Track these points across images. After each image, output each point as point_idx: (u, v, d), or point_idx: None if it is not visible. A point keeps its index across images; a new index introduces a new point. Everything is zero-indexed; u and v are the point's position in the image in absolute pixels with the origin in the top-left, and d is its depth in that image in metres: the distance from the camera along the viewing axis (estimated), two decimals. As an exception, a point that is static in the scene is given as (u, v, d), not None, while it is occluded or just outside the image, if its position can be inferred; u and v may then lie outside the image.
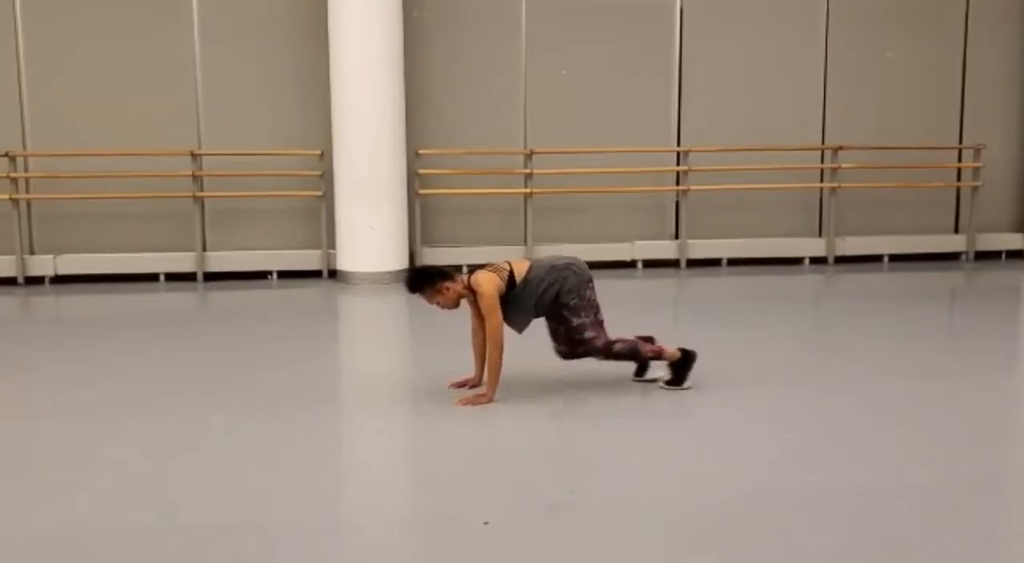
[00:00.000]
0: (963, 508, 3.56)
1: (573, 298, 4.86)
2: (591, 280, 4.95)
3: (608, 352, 4.94)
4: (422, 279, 4.86)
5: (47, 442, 4.40)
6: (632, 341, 5.00)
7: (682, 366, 5.08)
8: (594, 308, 4.92)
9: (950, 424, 4.58)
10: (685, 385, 5.07)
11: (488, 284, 4.74)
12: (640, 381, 5.20)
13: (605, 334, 4.93)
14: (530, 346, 5.14)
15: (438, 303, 4.85)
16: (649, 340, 5.14)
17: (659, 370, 5.20)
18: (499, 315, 4.73)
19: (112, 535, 3.35)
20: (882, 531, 3.33)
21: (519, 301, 4.84)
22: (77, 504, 3.62)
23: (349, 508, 3.73)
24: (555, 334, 5.03)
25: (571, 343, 4.95)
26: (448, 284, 4.81)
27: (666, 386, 5.09)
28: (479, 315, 4.88)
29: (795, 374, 5.51)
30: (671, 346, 5.10)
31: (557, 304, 4.88)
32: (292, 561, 3.13)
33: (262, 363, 5.88)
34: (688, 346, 5.13)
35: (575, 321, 4.88)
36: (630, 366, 5.22)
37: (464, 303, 4.93)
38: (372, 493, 3.88)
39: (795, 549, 3.20)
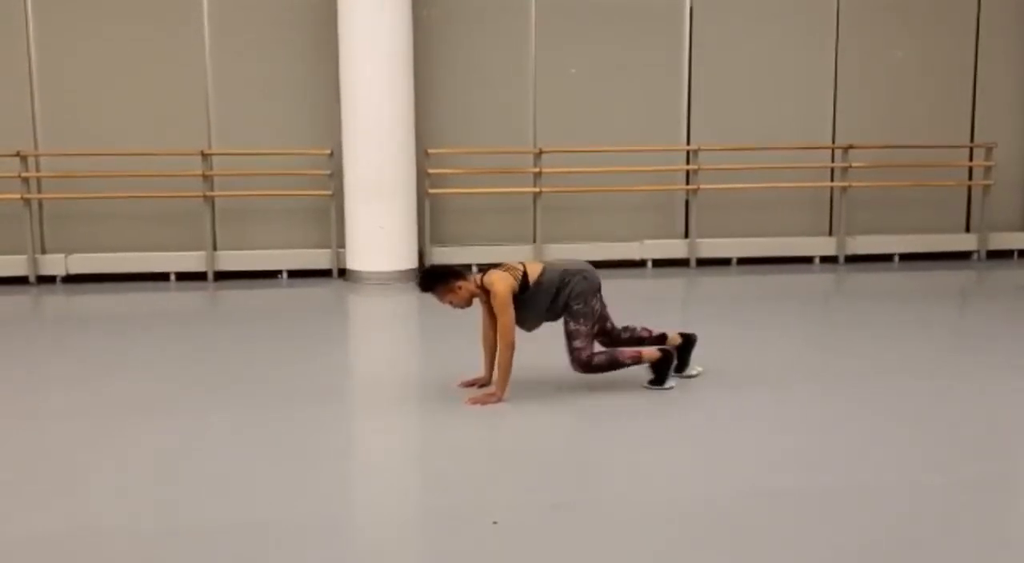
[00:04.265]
0: (969, 508, 3.56)
1: (578, 304, 4.88)
2: (599, 290, 4.97)
3: (588, 366, 4.91)
4: (435, 278, 4.87)
5: (54, 441, 4.42)
6: (610, 353, 4.96)
7: (662, 366, 5.04)
8: (591, 319, 4.90)
9: (958, 424, 4.57)
10: (667, 385, 5.06)
11: (501, 283, 4.74)
12: (681, 377, 5.21)
13: (591, 350, 4.91)
14: (539, 346, 5.15)
15: (450, 302, 4.87)
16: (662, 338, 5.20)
17: (698, 365, 5.27)
18: (511, 314, 4.74)
19: (115, 534, 3.37)
20: (888, 531, 3.33)
21: (532, 303, 4.86)
22: (82, 503, 3.64)
23: (356, 507, 3.74)
24: (568, 346, 4.98)
25: (568, 348, 4.94)
26: (461, 283, 4.82)
27: (648, 386, 5.07)
28: (491, 314, 4.89)
29: (803, 373, 5.50)
30: (651, 348, 5.08)
31: (566, 307, 4.90)
32: (299, 560, 3.14)
33: (271, 362, 5.89)
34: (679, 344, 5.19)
35: (572, 326, 4.89)
36: (641, 367, 5.22)
37: (476, 302, 4.94)
38: (380, 492, 3.89)
39: (800, 549, 3.20)
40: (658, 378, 5.06)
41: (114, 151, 8.93)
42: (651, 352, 5.04)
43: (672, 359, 5.09)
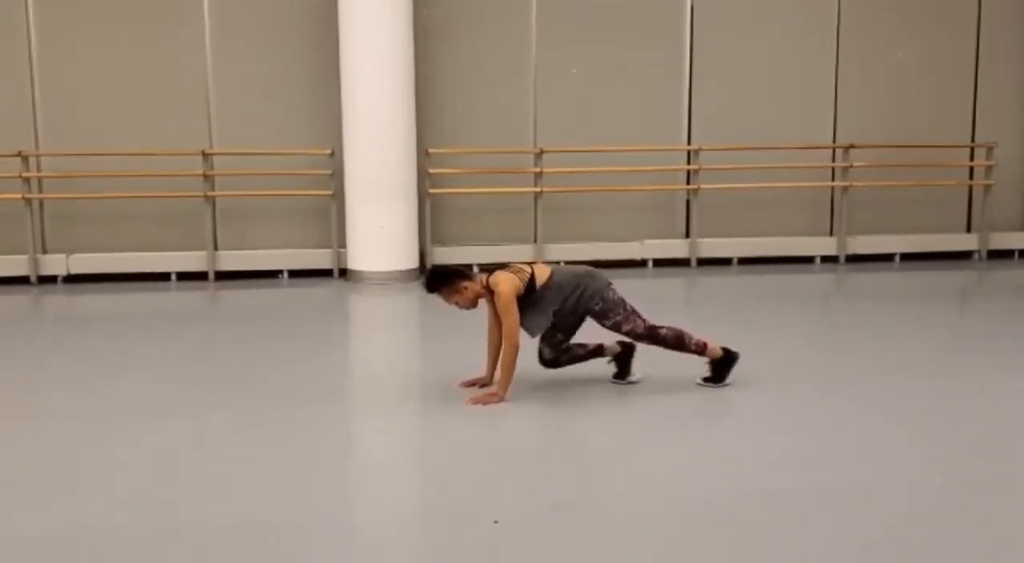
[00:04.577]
0: (969, 509, 3.56)
1: (597, 304, 4.90)
2: (610, 284, 4.99)
3: (653, 337, 4.97)
4: (440, 279, 4.88)
5: (54, 441, 4.43)
6: (678, 329, 5.01)
7: (723, 365, 5.09)
8: (620, 304, 4.95)
9: (958, 424, 4.57)
10: (724, 382, 5.09)
11: (506, 284, 4.74)
12: (619, 383, 5.17)
13: (643, 321, 4.96)
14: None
15: (456, 303, 4.86)
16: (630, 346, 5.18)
17: (639, 373, 5.20)
18: (515, 315, 4.73)
19: (115, 534, 3.37)
20: (887, 531, 3.33)
21: (538, 305, 4.86)
22: (82, 503, 3.64)
23: (357, 507, 3.74)
24: (548, 339, 5.03)
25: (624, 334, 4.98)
26: (466, 284, 4.82)
27: (703, 383, 5.10)
28: (496, 315, 4.89)
29: (803, 373, 5.50)
30: (715, 344, 5.10)
31: (579, 311, 4.92)
32: (301, 560, 3.14)
33: (271, 362, 5.90)
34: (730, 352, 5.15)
35: (608, 323, 4.95)
36: (641, 366, 5.22)
37: (482, 303, 4.95)
38: (381, 492, 3.89)
39: (800, 549, 3.20)
40: (716, 376, 5.10)
41: (115, 151, 8.94)
42: (715, 349, 5.07)
43: (734, 362, 5.10)
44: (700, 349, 5.04)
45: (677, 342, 5.00)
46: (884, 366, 5.66)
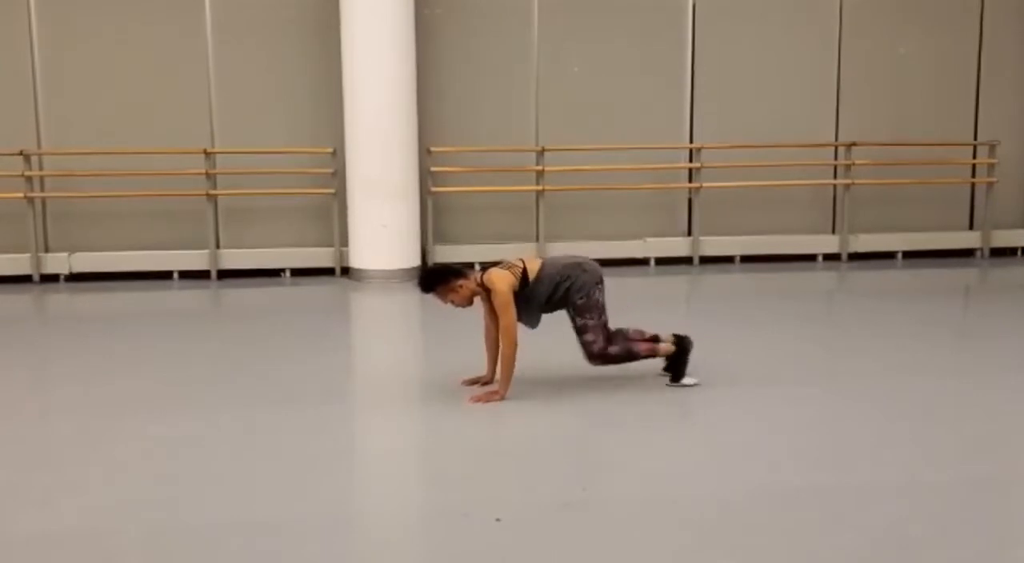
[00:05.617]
0: (974, 508, 3.55)
1: (580, 298, 4.87)
2: (601, 281, 4.95)
3: (604, 357, 4.92)
4: (435, 278, 4.88)
5: (59, 439, 4.44)
6: (627, 345, 4.95)
7: (678, 359, 5.04)
8: (599, 310, 4.89)
9: (962, 423, 4.57)
10: (687, 381, 5.05)
11: (502, 282, 4.74)
12: (673, 386, 5.13)
13: (604, 339, 4.90)
14: (542, 344, 5.15)
15: (452, 301, 4.87)
16: (655, 339, 5.12)
17: (694, 377, 5.17)
18: (513, 313, 4.73)
19: (115, 534, 3.37)
20: (892, 530, 3.33)
21: (532, 298, 4.86)
22: (82, 503, 3.65)
23: (361, 505, 3.74)
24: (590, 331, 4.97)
25: (581, 343, 4.94)
26: (462, 282, 4.82)
27: (671, 384, 5.08)
28: (492, 313, 4.89)
29: (807, 372, 5.50)
30: (664, 342, 5.05)
31: (566, 302, 4.89)
32: (304, 558, 3.15)
33: (273, 361, 5.90)
34: (683, 340, 5.08)
35: (579, 321, 4.89)
36: (651, 367, 5.21)
37: (478, 301, 4.94)
38: (384, 490, 3.90)
39: (806, 547, 3.20)
40: (675, 375, 5.07)
41: (117, 150, 8.94)
42: (667, 347, 5.03)
43: (688, 352, 5.05)
44: (651, 354, 5.00)
45: (627, 356, 4.95)
46: (886, 364, 5.66)
